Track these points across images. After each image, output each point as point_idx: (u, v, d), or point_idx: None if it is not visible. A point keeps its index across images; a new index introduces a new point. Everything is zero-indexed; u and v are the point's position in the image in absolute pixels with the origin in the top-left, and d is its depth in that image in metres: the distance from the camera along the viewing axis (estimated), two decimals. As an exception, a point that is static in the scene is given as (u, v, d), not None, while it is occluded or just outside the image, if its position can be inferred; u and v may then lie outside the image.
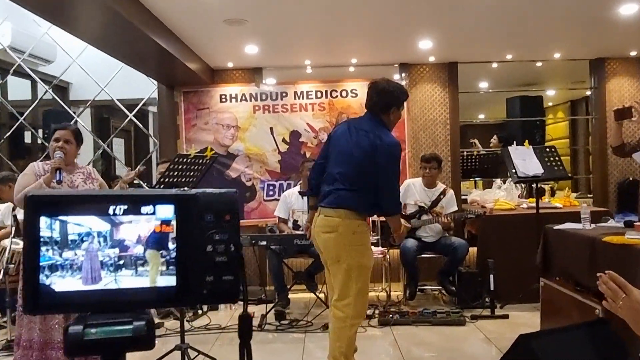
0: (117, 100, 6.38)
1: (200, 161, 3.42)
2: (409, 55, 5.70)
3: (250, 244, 4.54)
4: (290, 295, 4.99)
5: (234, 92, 5.85)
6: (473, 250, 5.31)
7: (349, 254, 2.98)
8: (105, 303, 0.88)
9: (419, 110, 6.00)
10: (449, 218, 5.00)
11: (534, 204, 4.89)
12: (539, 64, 6.15)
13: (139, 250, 0.91)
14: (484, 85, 7.43)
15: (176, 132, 5.84)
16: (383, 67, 5.98)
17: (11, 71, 6.68)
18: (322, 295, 4.84)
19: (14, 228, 4.14)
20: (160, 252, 0.91)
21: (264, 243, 4.57)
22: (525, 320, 4.44)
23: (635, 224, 3.14)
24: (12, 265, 3.97)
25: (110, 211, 0.89)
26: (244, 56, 5.42)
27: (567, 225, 3.61)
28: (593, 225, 3.49)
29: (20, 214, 4.20)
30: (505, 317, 4.56)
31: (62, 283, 0.86)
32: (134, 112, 6.25)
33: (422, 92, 6.02)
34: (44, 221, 0.86)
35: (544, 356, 2.19)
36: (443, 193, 5.12)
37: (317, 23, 4.53)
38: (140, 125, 6.76)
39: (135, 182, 6.83)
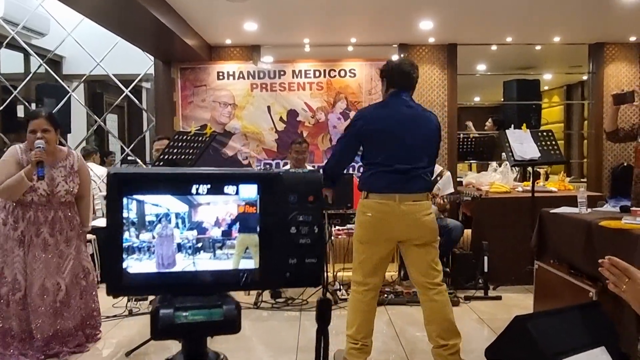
0: (112, 75, 6.31)
1: (200, 139, 3.40)
2: (409, 36, 5.67)
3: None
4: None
5: (231, 70, 5.80)
6: (467, 232, 5.36)
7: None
8: (183, 286, 0.86)
9: (417, 92, 5.91)
10: (444, 200, 5.03)
11: (528, 188, 4.92)
12: (537, 47, 6.15)
13: (216, 232, 0.88)
14: (481, 67, 7.42)
15: (172, 109, 5.81)
16: (382, 47, 5.95)
17: (4, 44, 6.57)
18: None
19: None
20: (250, 234, 0.88)
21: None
22: (518, 302, 4.50)
23: (631, 209, 3.17)
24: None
25: (194, 190, 0.85)
26: (242, 33, 5.37)
27: (564, 209, 3.64)
28: (589, 210, 3.52)
29: None
30: (498, 298, 4.62)
31: (138, 266, 0.83)
32: (130, 88, 6.18)
33: (421, 73, 5.92)
34: (128, 201, 0.82)
35: (539, 336, 2.23)
36: (440, 175, 5.14)
37: (317, 1, 4.48)
38: (137, 101, 6.70)
39: (129, 157, 6.81)
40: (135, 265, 0.83)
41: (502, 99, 7.10)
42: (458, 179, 5.98)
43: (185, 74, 5.79)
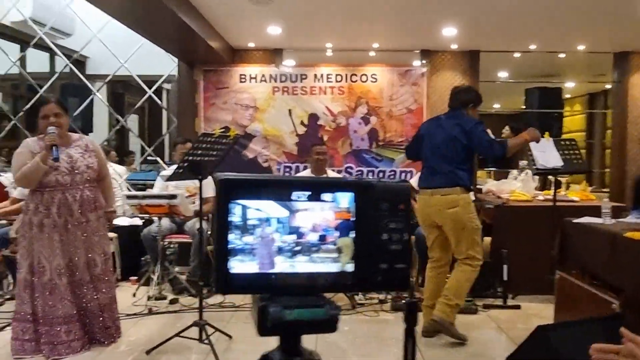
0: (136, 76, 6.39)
1: (224, 141, 3.43)
2: (431, 42, 5.66)
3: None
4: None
5: (253, 73, 5.84)
6: (487, 239, 5.32)
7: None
8: (282, 286, 0.91)
9: (438, 97, 5.97)
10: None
11: (549, 196, 4.87)
12: (561, 55, 6.10)
13: (313, 237, 0.93)
14: (503, 74, 7.38)
15: (194, 111, 5.86)
16: (404, 53, 5.96)
17: (32, 44, 6.68)
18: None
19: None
20: (345, 239, 0.94)
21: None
22: (537, 311, 4.46)
23: (657, 220, 3.13)
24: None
25: (294, 197, 0.91)
26: (265, 36, 5.41)
27: (587, 219, 3.60)
28: (613, 220, 3.48)
29: (16, 192, 4.24)
30: (517, 307, 4.58)
31: (240, 266, 0.89)
32: (153, 89, 6.26)
33: (442, 79, 5.99)
34: (233, 206, 0.89)
35: (561, 347, 2.21)
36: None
37: (341, 6, 4.50)
38: (159, 102, 6.78)
39: (150, 157, 6.88)
40: (238, 265, 0.89)
41: (523, 107, 7.05)
42: (477, 186, 5.95)
43: (208, 76, 5.85)
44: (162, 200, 4.41)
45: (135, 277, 5.11)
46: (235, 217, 0.89)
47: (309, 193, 0.93)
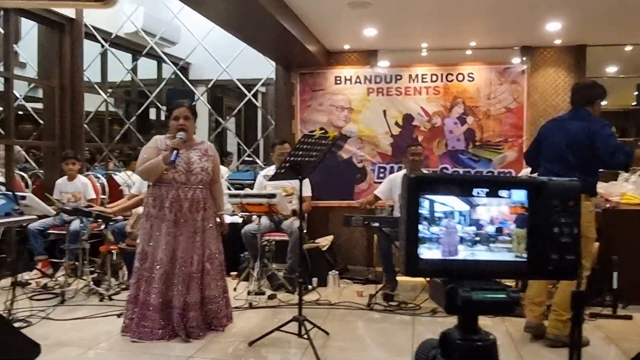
0: (232, 80, 6.69)
1: (324, 142, 3.52)
2: (533, 38, 5.44)
3: (362, 224, 4.61)
4: (398, 278, 5.03)
5: (348, 74, 5.91)
6: (594, 245, 5.03)
7: None
8: (463, 272, 1.05)
9: (539, 96, 5.73)
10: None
11: (666, 200, 4.53)
12: (679, 47, 5.63)
13: (490, 229, 1.06)
14: (612, 69, 6.93)
15: (291, 113, 6.02)
16: (503, 51, 5.77)
17: (143, 53, 7.19)
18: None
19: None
20: (520, 230, 1.07)
21: (377, 224, 4.63)
22: (652, 323, 4.16)
23: None
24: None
25: (474, 193, 1.05)
26: (361, 38, 5.45)
27: None
28: None
29: (134, 188, 4.56)
30: (629, 317, 4.30)
31: (428, 253, 1.04)
32: (252, 92, 6.52)
33: (544, 77, 5.73)
34: (422, 200, 1.04)
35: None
36: None
37: (438, 5, 4.45)
38: (258, 105, 7.04)
39: (248, 158, 7.16)
40: (426, 252, 1.03)
41: (634, 103, 6.58)
42: (583, 189, 5.63)
43: (304, 79, 5.99)
44: (262, 199, 4.59)
45: (235, 273, 5.35)
46: (424, 210, 1.03)
47: (487, 190, 1.05)
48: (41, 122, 6.59)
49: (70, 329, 3.89)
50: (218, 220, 3.86)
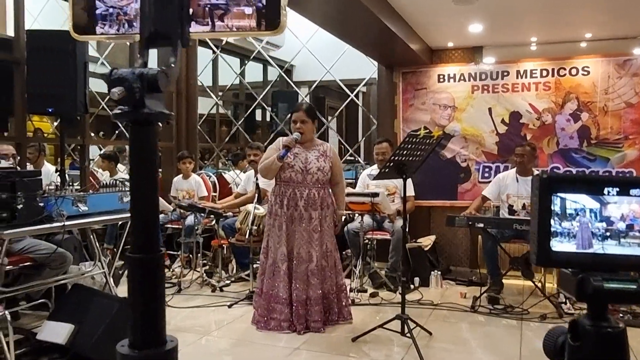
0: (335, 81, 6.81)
1: (428, 141, 3.50)
2: (658, 26, 5.02)
3: (467, 224, 4.52)
4: (504, 281, 4.88)
5: (452, 72, 5.81)
6: None
7: None
8: (595, 264, 1.15)
9: (664, 90, 5.27)
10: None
11: None
12: None
13: (621, 225, 1.15)
14: None
15: (393, 112, 6.02)
16: (622, 41, 5.38)
17: (251, 57, 7.53)
18: (539, 284, 4.63)
19: (256, 194, 4.71)
20: None
21: (481, 225, 4.52)
22: None
23: None
24: (255, 228, 4.54)
25: (605, 192, 1.14)
26: (465, 35, 5.34)
27: None
28: None
29: (261, 182, 4.79)
30: None
31: (559, 246, 1.15)
32: (355, 93, 6.61)
33: (671, 68, 5.27)
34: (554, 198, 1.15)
35: None
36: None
37: (550, -4, 4.25)
38: (360, 104, 7.13)
39: (350, 157, 7.26)
40: (557, 245, 1.14)
41: None
42: None
43: (406, 78, 5.97)
44: (365, 198, 4.65)
45: (338, 270, 5.45)
46: (556, 206, 1.12)
47: (618, 189, 1.13)
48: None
49: (186, 317, 4.20)
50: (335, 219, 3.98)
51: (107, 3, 1.32)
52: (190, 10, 1.26)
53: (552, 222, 1.12)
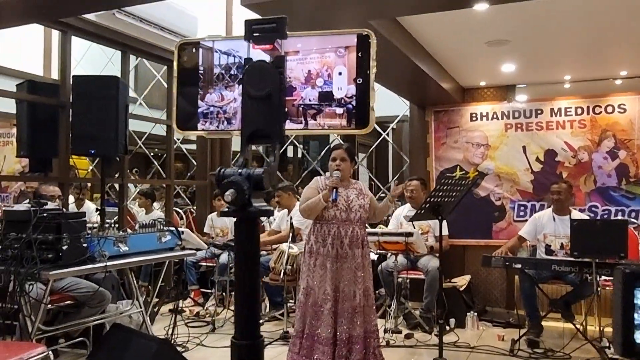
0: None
1: (463, 182, 3.50)
2: (695, 64, 4.96)
3: (503, 265, 4.45)
4: (543, 323, 4.75)
5: (484, 111, 5.82)
6: None
7: None
8: None
9: None
10: None
11: None
12: None
13: None
14: None
15: (426, 150, 6.03)
16: (658, 79, 5.33)
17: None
18: (580, 327, 4.49)
19: (290, 233, 4.74)
20: None
21: (519, 266, 4.44)
22: None
23: None
24: (290, 267, 4.56)
25: None
26: (498, 74, 5.37)
27: None
28: None
29: (295, 220, 4.83)
30: None
31: None
32: (387, 131, 6.65)
33: None
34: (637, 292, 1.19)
35: None
36: None
37: (583, 36, 4.26)
38: (390, 141, 7.16)
39: (383, 195, 7.26)
40: None
41: None
42: None
43: (439, 117, 6.00)
44: (399, 238, 4.64)
45: (371, 310, 5.39)
46: (638, 300, 1.17)
47: None
48: (193, 161, 7.28)
49: (221, 357, 4.20)
50: None
51: (208, 102, 1.43)
52: (286, 109, 1.37)
53: (635, 315, 1.16)
